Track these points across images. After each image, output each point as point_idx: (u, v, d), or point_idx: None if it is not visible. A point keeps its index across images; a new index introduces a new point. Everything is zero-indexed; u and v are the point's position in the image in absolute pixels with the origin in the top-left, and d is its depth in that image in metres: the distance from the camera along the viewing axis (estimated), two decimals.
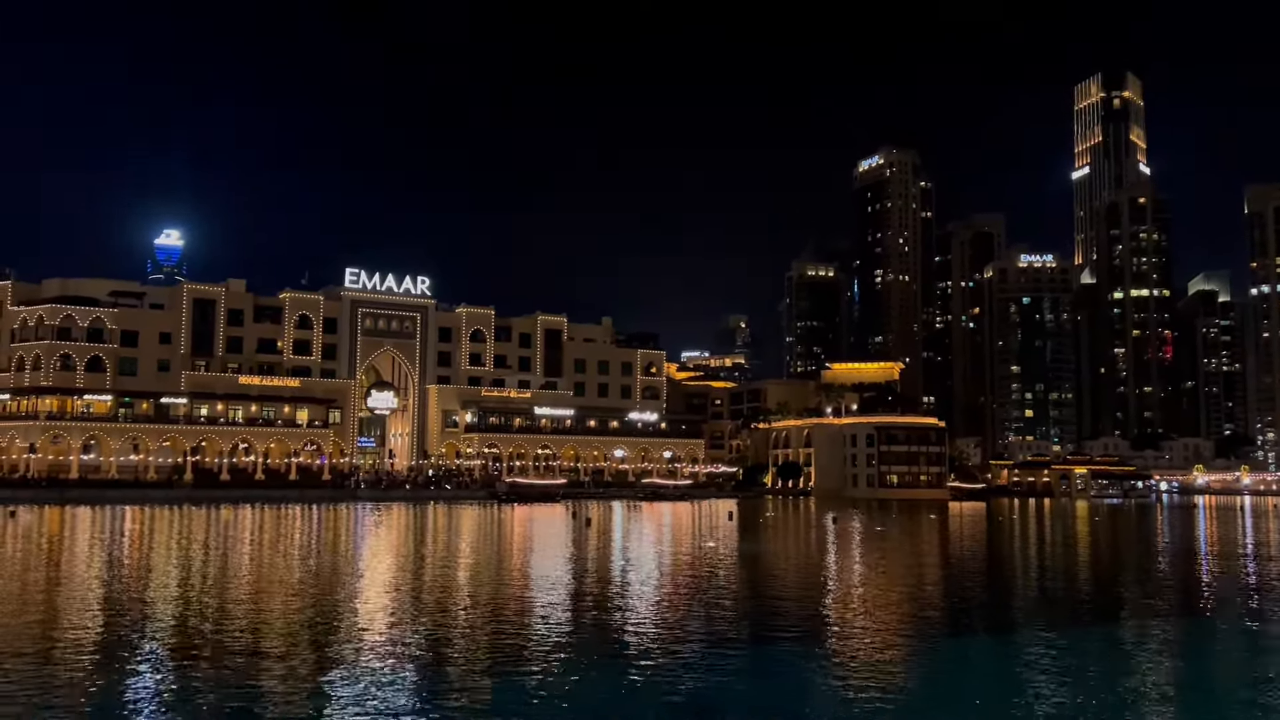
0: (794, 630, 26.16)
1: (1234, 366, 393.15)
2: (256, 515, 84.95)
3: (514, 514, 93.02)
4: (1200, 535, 74.23)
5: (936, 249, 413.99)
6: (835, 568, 45.26)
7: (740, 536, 64.67)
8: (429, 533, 66.58)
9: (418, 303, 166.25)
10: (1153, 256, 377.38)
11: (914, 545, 61.11)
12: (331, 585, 34.75)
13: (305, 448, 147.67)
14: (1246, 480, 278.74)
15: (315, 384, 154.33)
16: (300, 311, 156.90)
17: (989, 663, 22.67)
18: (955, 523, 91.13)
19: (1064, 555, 55.51)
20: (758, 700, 18.22)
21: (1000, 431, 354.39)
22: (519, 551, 51.80)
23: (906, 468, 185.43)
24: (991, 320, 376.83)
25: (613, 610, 29.50)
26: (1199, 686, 20.39)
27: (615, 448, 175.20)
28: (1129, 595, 35.34)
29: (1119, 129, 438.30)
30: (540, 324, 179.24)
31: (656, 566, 43.97)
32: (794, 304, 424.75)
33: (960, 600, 34.26)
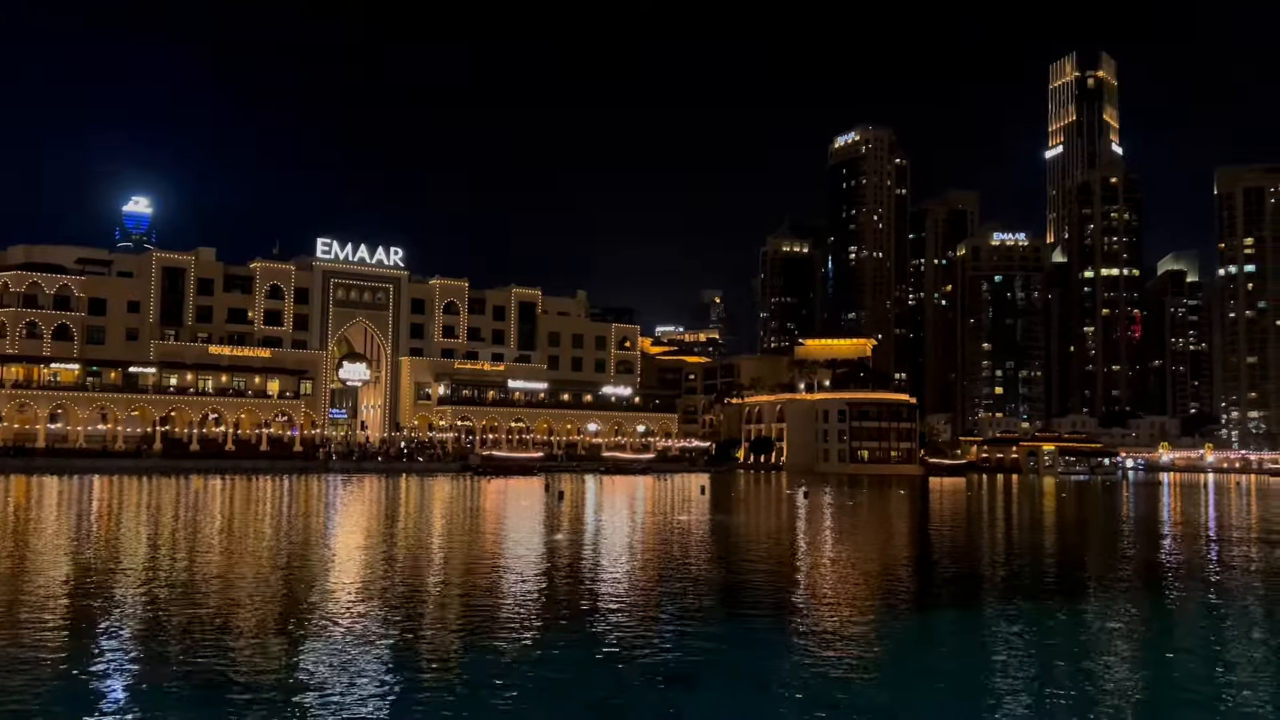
0: (765, 602, 26.35)
1: (1201, 346, 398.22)
2: (226, 486, 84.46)
3: (488, 486, 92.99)
4: (1164, 512, 75.32)
5: (911, 226, 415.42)
6: (806, 541, 45.59)
7: (712, 510, 64.97)
8: (401, 505, 66.47)
9: (390, 274, 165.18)
10: (1123, 236, 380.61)
11: (884, 520, 61.65)
12: (302, 556, 34.64)
13: (276, 419, 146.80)
14: (1210, 458, 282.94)
15: (286, 355, 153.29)
16: (271, 281, 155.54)
17: (957, 635, 22.94)
18: (926, 498, 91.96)
19: (1031, 531, 56.18)
20: (729, 670, 18.36)
21: (970, 408, 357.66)
22: (492, 523, 51.82)
23: (878, 443, 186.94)
24: (964, 298, 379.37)
25: (585, 582, 29.60)
26: (1161, 659, 20.73)
27: (589, 421, 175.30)
28: (1094, 571, 35.82)
29: (1092, 108, 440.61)
30: (514, 296, 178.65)
31: (629, 539, 44.13)
32: (768, 280, 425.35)
33: (929, 574, 34.61)
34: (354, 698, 15.72)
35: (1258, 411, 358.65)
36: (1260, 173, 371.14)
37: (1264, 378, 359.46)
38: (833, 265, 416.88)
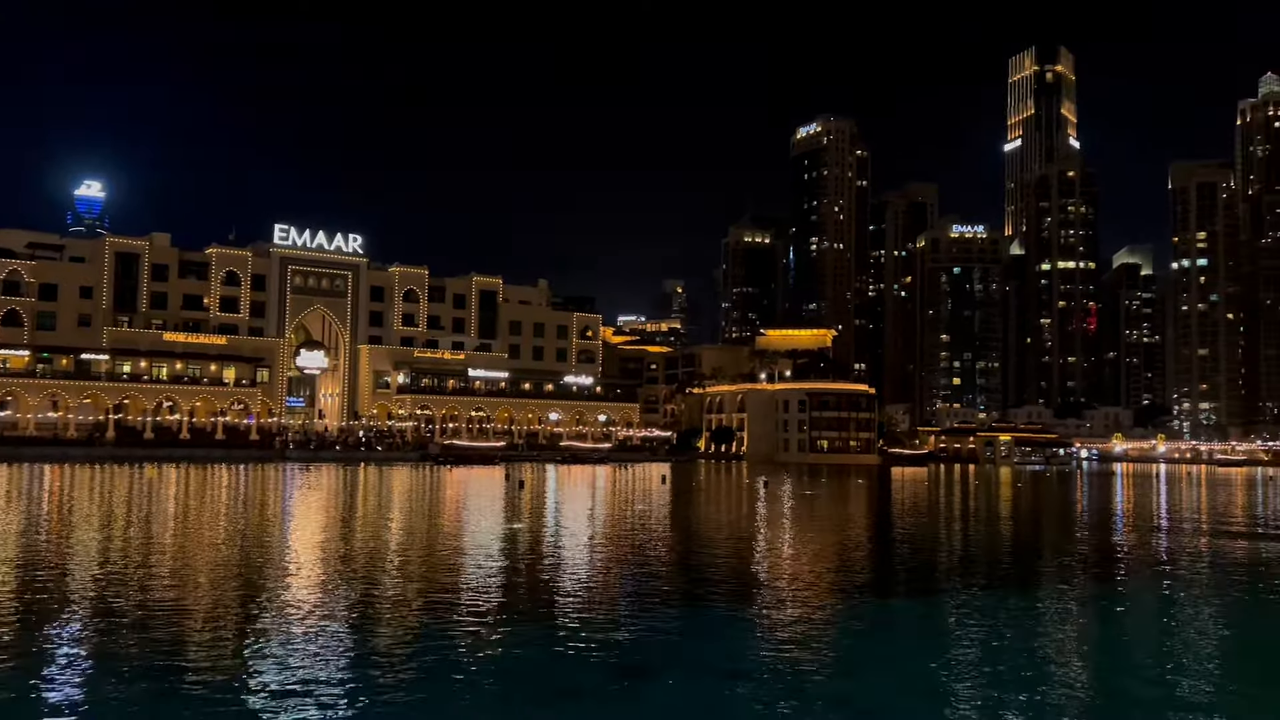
0: (725, 591, 26.35)
1: (1154, 338, 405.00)
2: (181, 474, 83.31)
3: (449, 476, 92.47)
4: (1117, 502, 76.45)
5: (871, 218, 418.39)
6: (766, 531, 45.72)
7: (673, 500, 65.02)
8: (360, 494, 65.88)
9: (349, 260, 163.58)
10: (1080, 229, 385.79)
11: (842, 509, 62.02)
12: (259, 546, 34.17)
13: (232, 407, 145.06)
14: (1162, 449, 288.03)
15: (243, 342, 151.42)
16: (227, 267, 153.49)
17: (915, 623, 23.07)
18: (887, 487, 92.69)
19: (987, 521, 56.75)
20: (689, 660, 18.31)
21: (929, 398, 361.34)
22: (451, 513, 51.49)
23: (837, 433, 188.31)
24: (923, 289, 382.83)
25: (545, 571, 29.45)
26: (1112, 645, 20.96)
27: (550, 411, 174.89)
28: (1048, 560, 36.22)
29: (1051, 102, 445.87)
30: (475, 285, 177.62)
31: (589, 528, 44.01)
32: (730, 270, 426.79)
33: (888, 563, 34.82)
34: (310, 689, 15.47)
35: (1208, 403, 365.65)
36: (1213, 168, 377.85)
37: (1215, 370, 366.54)
38: (794, 256, 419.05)
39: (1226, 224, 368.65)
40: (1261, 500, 78.79)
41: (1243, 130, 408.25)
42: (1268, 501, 77.00)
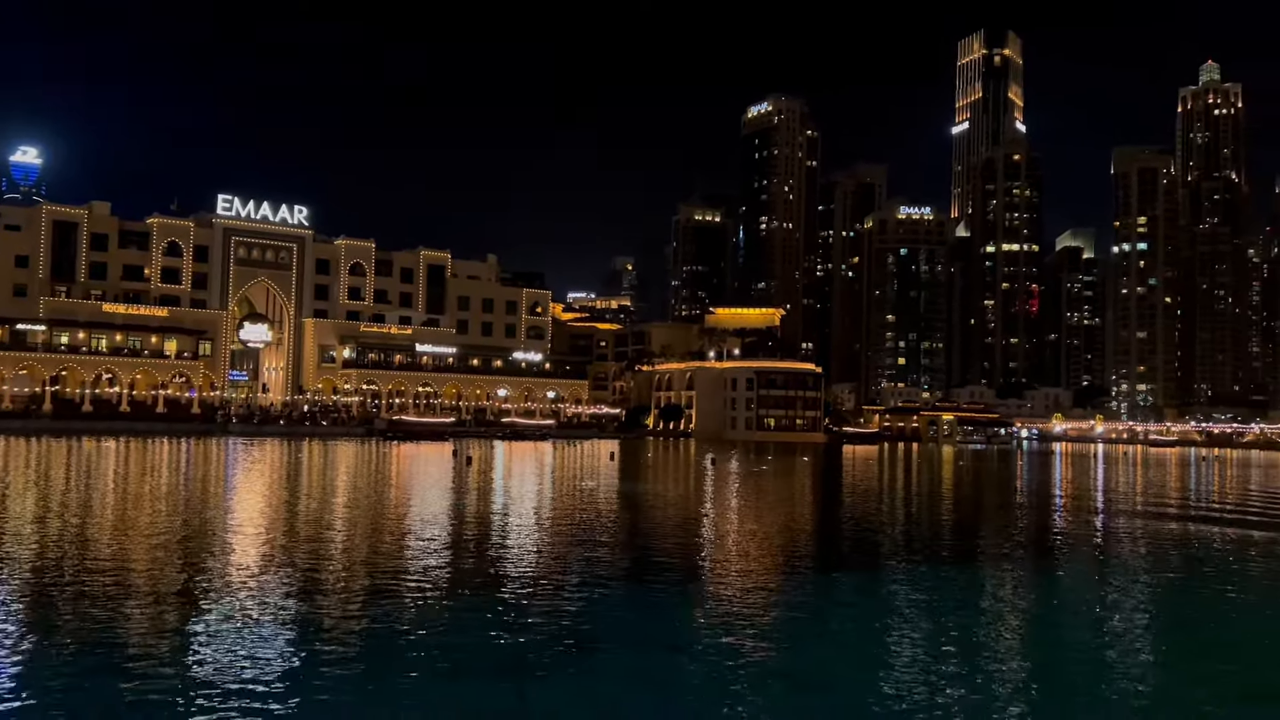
0: (672, 567, 26.51)
1: (1094, 320, 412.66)
2: (121, 448, 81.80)
3: (396, 451, 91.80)
4: (1055, 480, 78.07)
5: (820, 198, 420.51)
6: (712, 507, 46.04)
7: (621, 476, 65.18)
8: (304, 469, 65.19)
9: (294, 232, 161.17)
10: (1024, 212, 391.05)
11: (788, 486, 62.61)
12: (200, 520, 33.70)
13: (173, 380, 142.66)
14: (1100, 429, 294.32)
15: (185, 314, 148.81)
16: (169, 238, 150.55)
17: (856, 597, 23.40)
18: (838, 465, 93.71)
19: (929, 498, 57.67)
20: (634, 634, 18.42)
21: (874, 378, 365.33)
22: (397, 489, 51.17)
23: (784, 411, 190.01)
24: (870, 270, 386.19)
25: (490, 547, 29.41)
26: (1048, 619, 21.45)
27: (499, 387, 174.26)
28: (987, 537, 36.90)
29: (998, 86, 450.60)
30: (423, 259, 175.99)
31: (536, 505, 44.01)
32: (680, 248, 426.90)
33: (831, 539, 35.26)
34: (252, 664, 15.33)
35: (1145, 385, 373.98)
36: (1155, 154, 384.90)
37: (1152, 352, 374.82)
38: (744, 235, 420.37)
39: (1166, 209, 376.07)
40: (1195, 480, 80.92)
41: (1184, 117, 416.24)
42: (1200, 481, 79.11)
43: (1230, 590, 25.58)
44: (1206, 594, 24.93)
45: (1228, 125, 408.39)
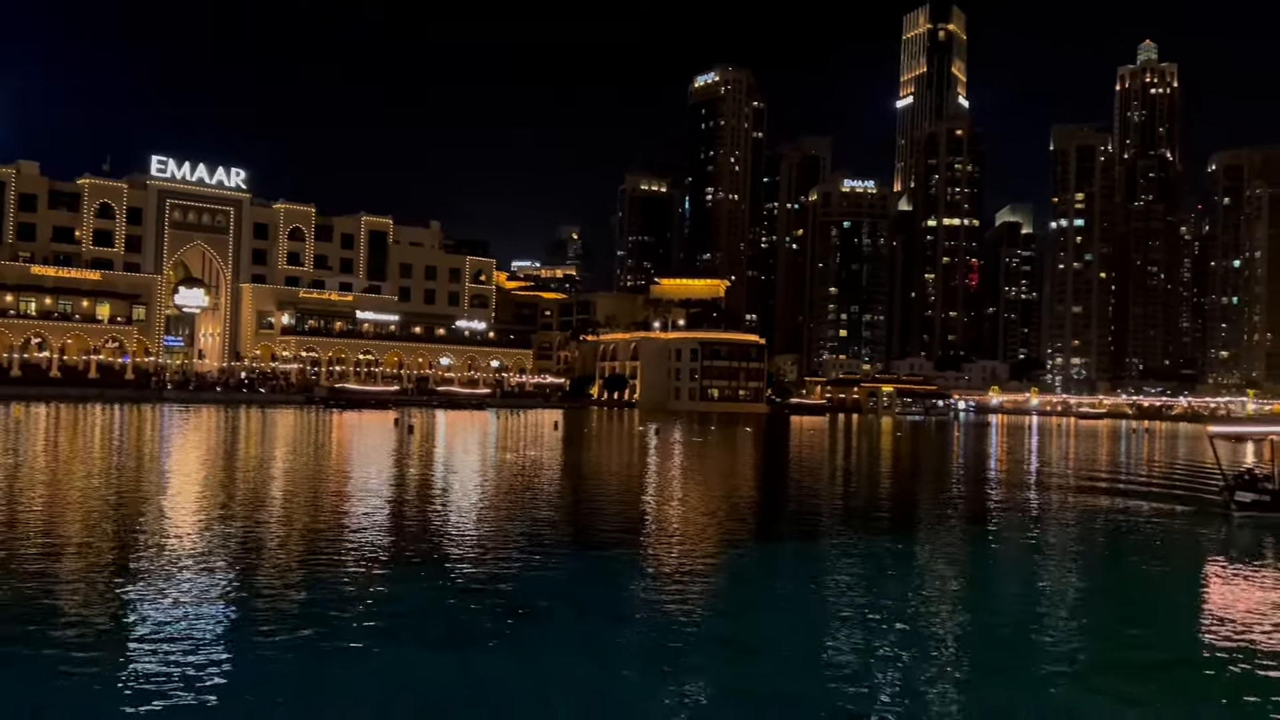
0: (614, 535, 26.60)
1: (1032, 295, 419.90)
2: (52, 414, 79.90)
3: (335, 420, 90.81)
4: (991, 452, 79.60)
5: (766, 170, 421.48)
6: (654, 477, 46.24)
7: (564, 446, 65.18)
8: (242, 437, 64.22)
9: (232, 196, 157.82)
10: (965, 187, 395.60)
11: (730, 456, 63.10)
12: (134, 490, 33.04)
13: (106, 345, 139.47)
14: (1035, 401, 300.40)
15: (118, 278, 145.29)
16: (101, 199, 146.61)
17: (795, 566, 23.69)
18: (771, 435, 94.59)
19: (868, 469, 58.50)
20: (576, 601, 18.47)
21: (816, 349, 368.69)
22: (338, 458, 50.66)
23: (728, 382, 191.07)
24: (813, 242, 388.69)
25: (432, 515, 29.26)
26: (983, 583, 21.91)
27: (442, 355, 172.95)
28: (923, 505, 37.53)
29: (942, 61, 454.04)
30: (364, 224, 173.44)
31: (478, 474, 43.85)
32: (626, 217, 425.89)
33: (770, 508, 35.62)
34: (190, 633, 15.11)
35: (1079, 358, 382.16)
36: (1092, 132, 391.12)
37: (1086, 326, 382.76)
38: (690, 205, 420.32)
39: (1103, 186, 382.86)
40: (1124, 452, 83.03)
41: (1121, 96, 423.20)
42: (1130, 453, 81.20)
43: (1151, 561, 26.37)
44: (1130, 564, 25.66)
45: (1164, 104, 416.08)
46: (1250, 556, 26.03)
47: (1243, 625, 17.94)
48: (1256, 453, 67.91)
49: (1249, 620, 18.35)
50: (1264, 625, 17.90)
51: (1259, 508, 33.15)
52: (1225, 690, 14.27)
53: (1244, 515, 32.99)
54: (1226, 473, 37.25)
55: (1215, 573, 23.73)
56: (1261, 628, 17.70)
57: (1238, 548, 27.84)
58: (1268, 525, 31.63)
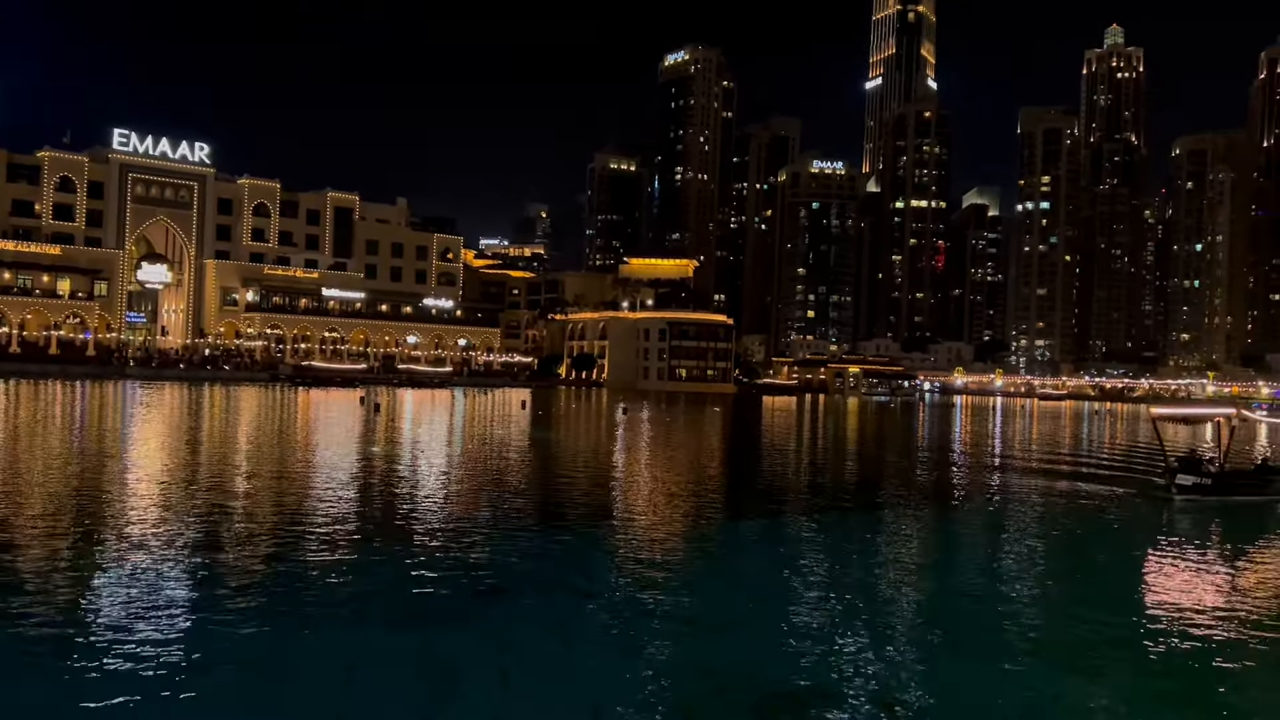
0: (582, 514, 26.68)
1: (997, 277, 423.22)
2: (11, 390, 78.75)
3: (300, 398, 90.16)
4: (955, 433, 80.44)
5: (736, 150, 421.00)
6: (623, 455, 46.35)
7: (532, 425, 65.14)
8: (206, 414, 63.64)
9: (195, 170, 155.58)
10: (933, 169, 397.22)
11: (698, 435, 63.32)
12: (96, 467, 32.69)
13: (67, 320, 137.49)
14: (999, 382, 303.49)
15: (79, 253, 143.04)
16: (61, 173, 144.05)
17: (762, 544, 23.88)
18: (740, 415, 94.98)
19: (834, 448, 58.96)
20: (544, 580, 18.52)
21: (784, 330, 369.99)
22: (303, 436, 50.34)
23: (696, 362, 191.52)
24: (782, 223, 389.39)
25: (399, 495, 29.19)
26: (943, 563, 22.21)
27: (408, 334, 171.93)
28: (887, 487, 37.90)
29: (912, 43, 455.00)
30: (330, 201, 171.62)
31: (445, 453, 43.75)
32: (595, 196, 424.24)
33: (737, 487, 35.83)
34: (150, 615, 15.02)
35: (1043, 340, 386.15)
36: (1059, 115, 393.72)
37: (1051, 309, 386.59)
38: (659, 185, 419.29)
39: (1069, 169, 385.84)
40: (1084, 433, 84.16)
41: (1088, 79, 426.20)
42: (1090, 434, 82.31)
43: (1107, 541, 26.83)
44: (1059, 548, 26.08)
45: (1129, 88, 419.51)
46: (1183, 542, 26.13)
47: (1156, 613, 18.33)
48: (1216, 435, 69.01)
49: (1163, 606, 18.74)
50: (1174, 612, 18.29)
51: (1200, 491, 32.89)
52: (1126, 669, 14.60)
53: (1185, 499, 32.74)
54: (1168, 455, 37.34)
55: (1143, 558, 23.78)
56: (1172, 616, 18.09)
57: (1173, 533, 27.63)
58: (1209, 509, 31.51)
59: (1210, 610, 17.80)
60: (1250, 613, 17.72)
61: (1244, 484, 34.66)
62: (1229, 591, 19.78)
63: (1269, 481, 34.97)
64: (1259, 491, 34.23)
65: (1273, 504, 33.31)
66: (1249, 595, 19.42)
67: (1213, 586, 20.13)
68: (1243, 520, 30.22)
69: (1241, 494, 33.79)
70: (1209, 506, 31.89)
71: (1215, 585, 20.26)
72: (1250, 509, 32.17)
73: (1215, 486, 32.94)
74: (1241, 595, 19.41)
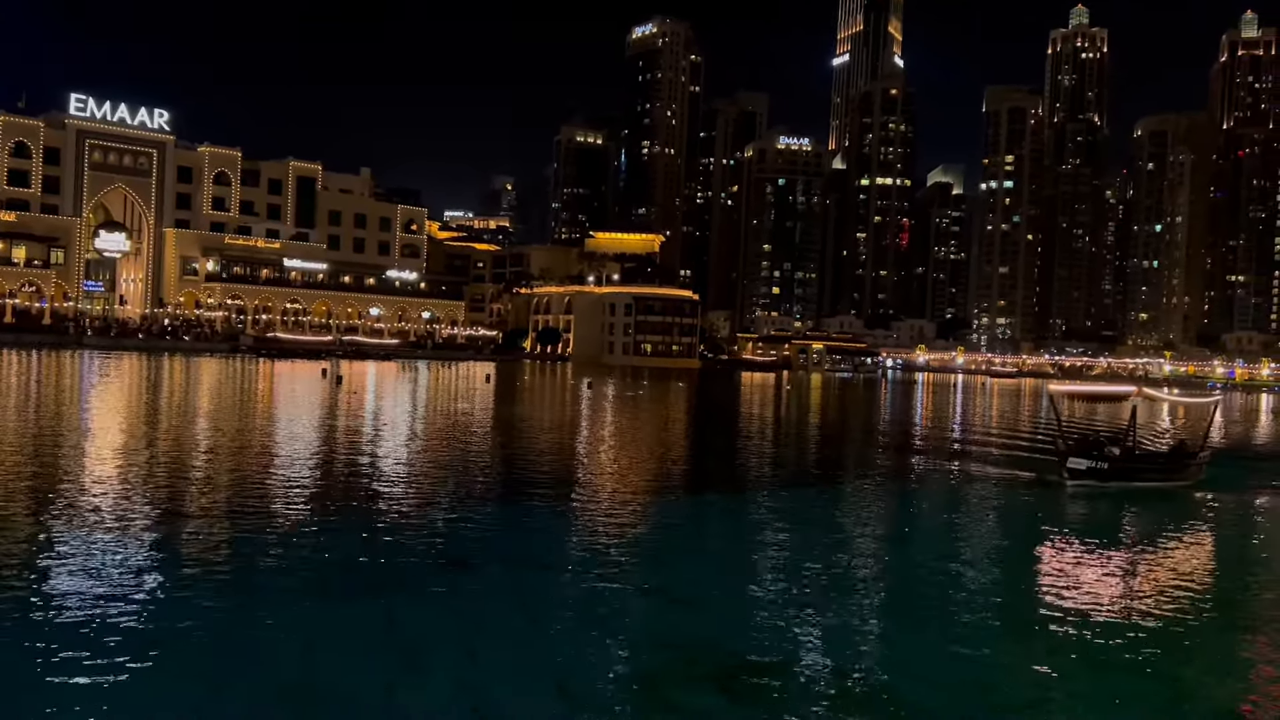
0: (546, 488, 26.70)
1: (960, 255, 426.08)
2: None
3: (261, 369, 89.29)
4: (916, 407, 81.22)
5: (703, 124, 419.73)
6: (587, 430, 46.39)
7: (496, 399, 64.99)
8: (165, 385, 62.88)
9: (154, 138, 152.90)
10: (899, 147, 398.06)
11: (662, 410, 63.50)
12: (52, 438, 32.23)
13: (22, 289, 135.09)
14: (960, 360, 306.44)
15: (34, 220, 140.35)
16: (16, 138, 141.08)
17: (723, 517, 24.07)
18: (707, 390, 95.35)
19: (796, 424, 59.33)
20: (508, 553, 18.56)
21: (749, 306, 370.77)
22: (263, 408, 49.91)
23: (661, 337, 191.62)
24: (748, 199, 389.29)
25: (362, 467, 29.06)
26: (902, 537, 22.48)
27: (371, 306, 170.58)
28: (847, 458, 38.26)
29: (879, 19, 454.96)
30: (292, 170, 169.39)
31: (408, 426, 43.58)
32: (562, 169, 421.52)
33: (700, 461, 36.02)
34: (110, 590, 14.89)
35: (1005, 318, 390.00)
36: (1024, 94, 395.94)
37: (1013, 287, 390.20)
38: (626, 159, 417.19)
39: (1033, 149, 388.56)
40: (1028, 412, 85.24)
41: (1052, 59, 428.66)
42: (1040, 412, 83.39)
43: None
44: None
45: (1093, 69, 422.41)
46: (1050, 534, 23.19)
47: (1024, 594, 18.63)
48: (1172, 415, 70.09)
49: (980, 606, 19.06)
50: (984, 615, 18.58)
51: (1097, 476, 30.44)
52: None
53: (1078, 484, 30.25)
54: (1059, 437, 34.83)
55: (1003, 550, 21.70)
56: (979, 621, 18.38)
57: (1045, 523, 24.85)
58: (1102, 496, 29.19)
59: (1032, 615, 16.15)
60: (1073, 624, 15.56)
61: (1149, 468, 32.27)
62: (1069, 593, 17.32)
63: (1183, 465, 32.80)
64: (1168, 476, 31.97)
65: (1185, 490, 31.18)
66: (1085, 597, 16.99)
67: (1059, 587, 17.70)
68: (1135, 508, 27.90)
69: (1146, 479, 31.38)
70: (1105, 493, 29.52)
71: (1062, 586, 17.81)
72: (1153, 495, 29.83)
73: (1114, 471, 30.61)
74: (1078, 596, 17.02)
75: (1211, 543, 24.26)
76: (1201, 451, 34.56)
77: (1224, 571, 20.62)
